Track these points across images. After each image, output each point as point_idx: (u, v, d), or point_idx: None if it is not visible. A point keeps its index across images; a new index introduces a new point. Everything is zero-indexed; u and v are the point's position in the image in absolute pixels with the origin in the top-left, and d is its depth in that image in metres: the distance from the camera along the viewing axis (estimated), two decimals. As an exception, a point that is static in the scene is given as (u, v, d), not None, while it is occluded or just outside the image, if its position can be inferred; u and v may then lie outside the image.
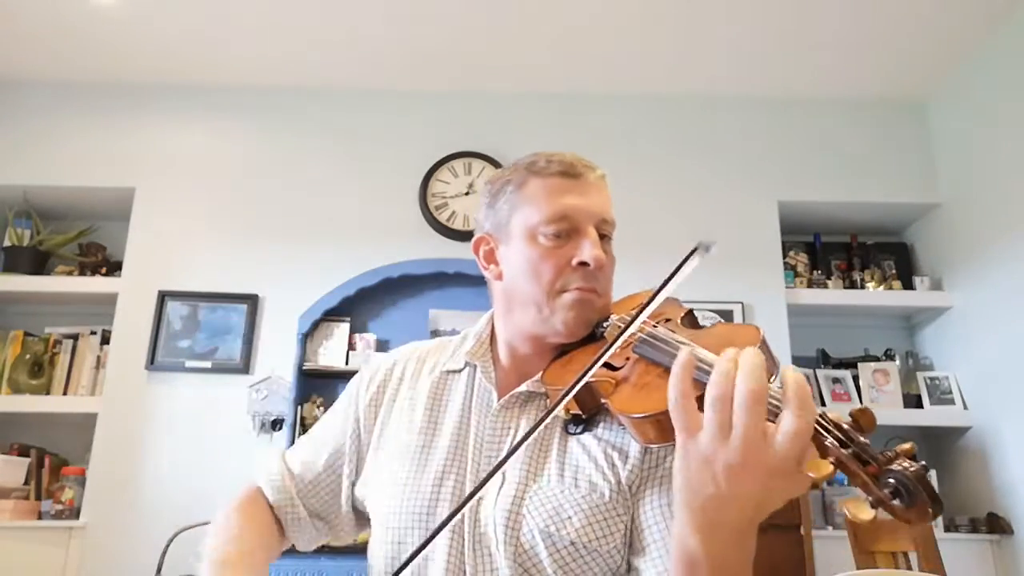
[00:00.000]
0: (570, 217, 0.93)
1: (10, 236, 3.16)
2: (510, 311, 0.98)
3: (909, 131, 3.28)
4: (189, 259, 3.09)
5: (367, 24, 2.92)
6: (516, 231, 0.95)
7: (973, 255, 2.96)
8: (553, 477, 0.87)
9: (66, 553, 2.71)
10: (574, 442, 0.90)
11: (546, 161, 0.96)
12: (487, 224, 1.00)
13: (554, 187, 0.94)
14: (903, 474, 0.55)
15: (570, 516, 0.83)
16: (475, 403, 0.98)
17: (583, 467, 0.87)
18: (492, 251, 1.00)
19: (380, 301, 3.07)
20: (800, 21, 2.84)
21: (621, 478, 0.86)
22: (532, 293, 0.93)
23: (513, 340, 1.00)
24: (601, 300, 0.95)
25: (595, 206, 0.95)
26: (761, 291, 3.06)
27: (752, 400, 0.58)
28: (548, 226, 0.92)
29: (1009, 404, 2.73)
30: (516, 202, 0.96)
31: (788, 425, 0.57)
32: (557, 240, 0.93)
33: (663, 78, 3.23)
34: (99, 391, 2.96)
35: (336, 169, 3.22)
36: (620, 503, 0.85)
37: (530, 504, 0.85)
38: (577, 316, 0.93)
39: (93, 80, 3.26)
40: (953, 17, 2.79)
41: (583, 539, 0.82)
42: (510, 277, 0.97)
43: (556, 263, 0.92)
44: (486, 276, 1.02)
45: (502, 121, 3.29)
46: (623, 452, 0.88)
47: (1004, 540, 2.70)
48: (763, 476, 0.59)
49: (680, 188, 3.20)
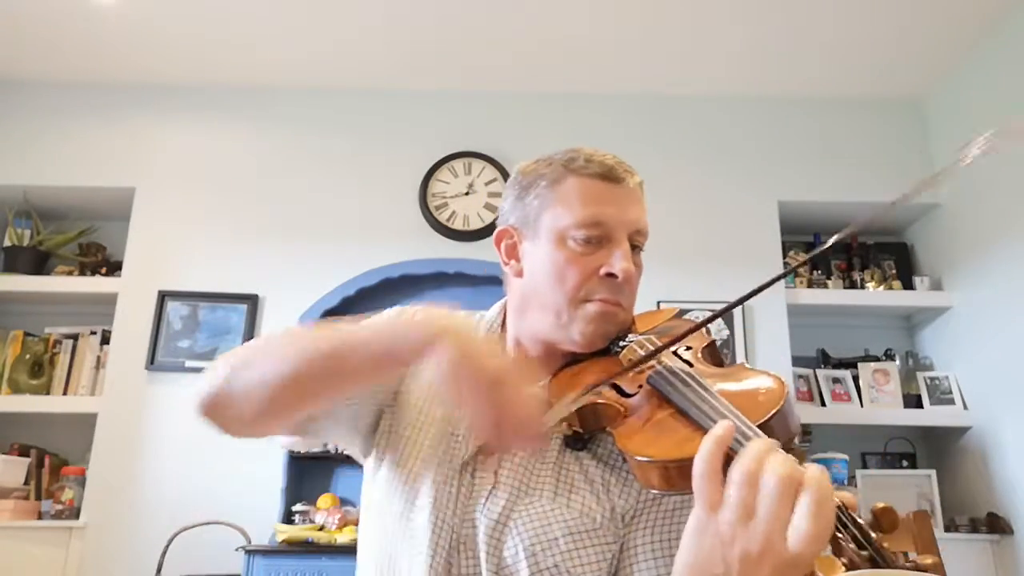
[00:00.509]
0: (604, 224, 0.88)
1: (10, 236, 3.16)
2: (525, 311, 0.94)
3: (909, 131, 3.28)
4: (189, 259, 3.09)
5: (367, 24, 2.92)
6: (544, 229, 0.90)
7: (973, 255, 2.96)
8: (546, 493, 0.83)
9: (66, 553, 2.71)
10: (572, 460, 0.86)
11: (586, 160, 0.90)
12: (512, 217, 0.95)
13: (591, 189, 0.89)
14: None
15: (556, 538, 0.80)
16: None
17: (578, 487, 0.84)
18: (515, 246, 0.95)
19: (380, 301, 3.07)
20: (799, 21, 2.84)
21: (616, 504, 0.83)
22: (553, 298, 0.88)
23: (523, 340, 0.95)
24: (624, 315, 0.91)
25: (631, 215, 0.90)
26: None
27: (783, 486, 0.56)
28: (580, 230, 0.87)
29: (1009, 404, 2.73)
30: (549, 199, 0.91)
31: (805, 527, 0.55)
32: (587, 246, 0.88)
33: (663, 78, 3.23)
34: (99, 391, 2.96)
35: (336, 169, 3.22)
36: (611, 531, 0.82)
37: (518, 518, 0.82)
38: (597, 328, 0.88)
39: (93, 80, 3.26)
40: (952, 17, 2.80)
41: (567, 563, 0.79)
42: (531, 276, 0.92)
43: (583, 270, 0.87)
44: (505, 271, 0.97)
45: (502, 121, 3.29)
46: (623, 476, 0.85)
47: (1004, 540, 2.70)
48: (774, 567, 0.57)
49: (680, 188, 3.19)
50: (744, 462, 0.58)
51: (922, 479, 2.91)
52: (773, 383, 0.73)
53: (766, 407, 0.68)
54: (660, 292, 2.98)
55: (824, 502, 0.55)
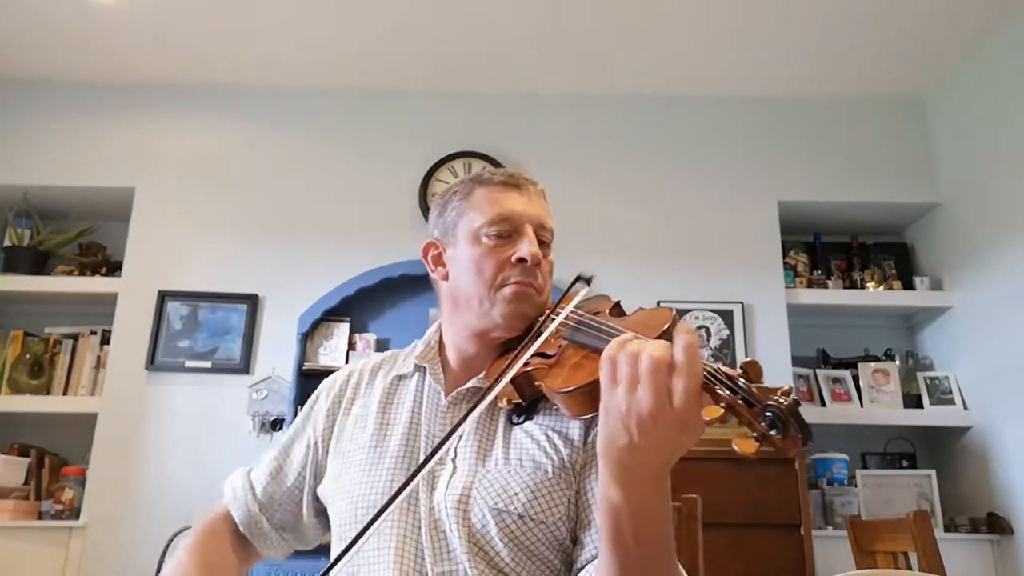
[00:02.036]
0: (510, 219, 1.01)
1: (10, 236, 3.16)
2: (455, 310, 1.05)
3: (909, 131, 3.28)
4: (189, 259, 3.09)
5: (367, 24, 2.92)
6: (462, 234, 1.04)
7: (973, 255, 2.96)
8: (499, 461, 0.94)
9: (66, 553, 2.71)
10: (518, 430, 0.97)
11: (490, 173, 1.07)
12: (436, 231, 1.09)
13: (497, 193, 1.04)
14: (777, 407, 0.64)
15: (516, 493, 0.90)
16: (425, 403, 1.04)
17: (527, 449, 0.95)
18: (440, 255, 1.08)
19: (380, 301, 3.07)
20: (800, 21, 2.84)
21: (564, 456, 0.94)
22: (475, 288, 1.00)
23: (459, 341, 1.06)
24: (539, 297, 1.02)
25: (534, 211, 1.04)
26: (761, 291, 3.06)
27: (656, 357, 0.68)
28: (491, 227, 1.01)
29: (1009, 404, 2.73)
30: (462, 208, 1.05)
31: (679, 384, 0.67)
32: (499, 240, 1.01)
33: (663, 78, 3.23)
34: (99, 391, 2.96)
35: (336, 169, 3.22)
36: (563, 479, 0.93)
37: (479, 486, 0.91)
38: (515, 308, 0.99)
39: (93, 80, 3.27)
40: (952, 17, 2.80)
41: (530, 512, 0.89)
42: (456, 277, 1.05)
43: (497, 259, 1.00)
44: (433, 279, 1.10)
45: (502, 121, 3.29)
46: (564, 435, 0.96)
47: (1004, 540, 2.70)
48: (668, 425, 0.68)
49: (680, 188, 3.19)
50: (627, 346, 0.71)
51: (922, 479, 2.91)
52: (663, 312, 0.90)
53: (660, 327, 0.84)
54: (660, 292, 2.98)
55: (690, 361, 0.67)
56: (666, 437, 0.69)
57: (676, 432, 0.68)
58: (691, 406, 0.66)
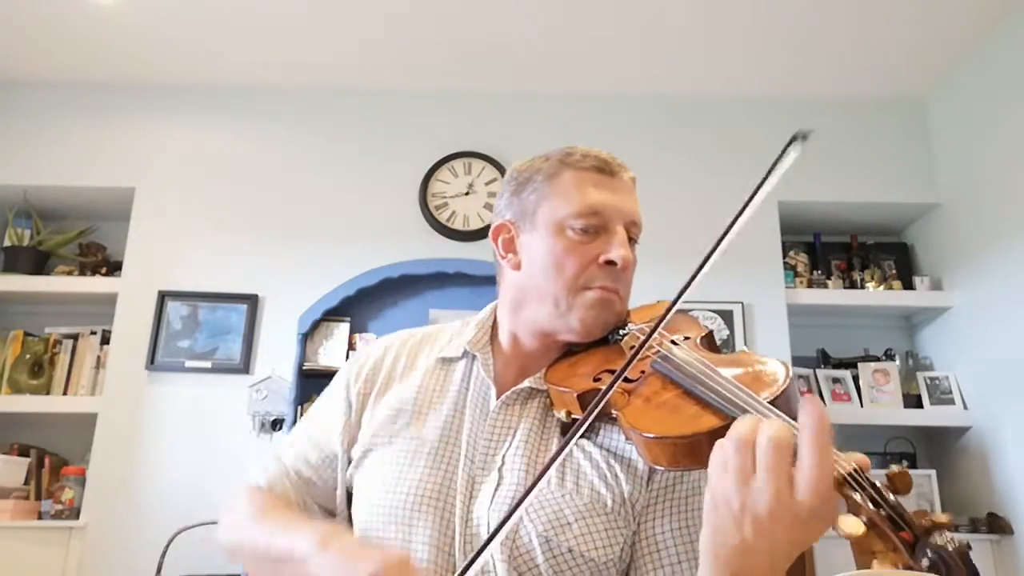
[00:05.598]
0: (601, 213, 0.90)
1: (10, 236, 3.16)
2: (522, 303, 0.94)
3: (909, 131, 3.28)
4: (189, 259, 3.09)
5: (367, 24, 2.92)
6: (542, 221, 0.92)
7: (973, 255, 2.96)
8: (553, 481, 0.84)
9: (66, 553, 2.71)
10: (576, 449, 0.87)
11: (581, 155, 0.93)
12: (509, 212, 0.97)
13: (588, 181, 0.91)
14: (945, 550, 0.52)
15: (570, 523, 0.81)
16: (471, 398, 0.94)
17: (585, 473, 0.84)
18: (512, 240, 0.96)
19: (380, 301, 3.07)
20: (799, 22, 2.84)
21: (624, 491, 0.84)
22: (552, 286, 0.90)
23: (519, 334, 0.96)
24: (620, 304, 0.92)
25: (627, 206, 0.92)
26: (761, 291, 3.06)
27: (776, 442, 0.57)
28: (578, 220, 0.89)
29: (1009, 404, 2.73)
30: (545, 192, 0.93)
31: (807, 472, 0.56)
32: (585, 235, 0.90)
33: (663, 79, 3.23)
34: (99, 391, 2.96)
35: (336, 169, 3.22)
36: (622, 516, 0.83)
37: (529, 508, 0.81)
38: (597, 316, 0.90)
39: (93, 80, 3.26)
40: (952, 17, 2.79)
41: (581, 547, 0.80)
42: (529, 268, 0.93)
43: (582, 258, 0.89)
44: (501, 265, 0.98)
45: (502, 121, 3.29)
46: (627, 463, 0.85)
47: (1004, 540, 2.70)
48: (788, 524, 0.57)
49: (680, 188, 3.19)
50: (738, 428, 0.60)
51: (922, 479, 2.91)
52: (775, 366, 0.76)
53: (771, 387, 0.70)
54: (660, 291, 2.96)
55: (821, 444, 0.56)
56: (786, 538, 0.58)
57: (800, 532, 0.57)
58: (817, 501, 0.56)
